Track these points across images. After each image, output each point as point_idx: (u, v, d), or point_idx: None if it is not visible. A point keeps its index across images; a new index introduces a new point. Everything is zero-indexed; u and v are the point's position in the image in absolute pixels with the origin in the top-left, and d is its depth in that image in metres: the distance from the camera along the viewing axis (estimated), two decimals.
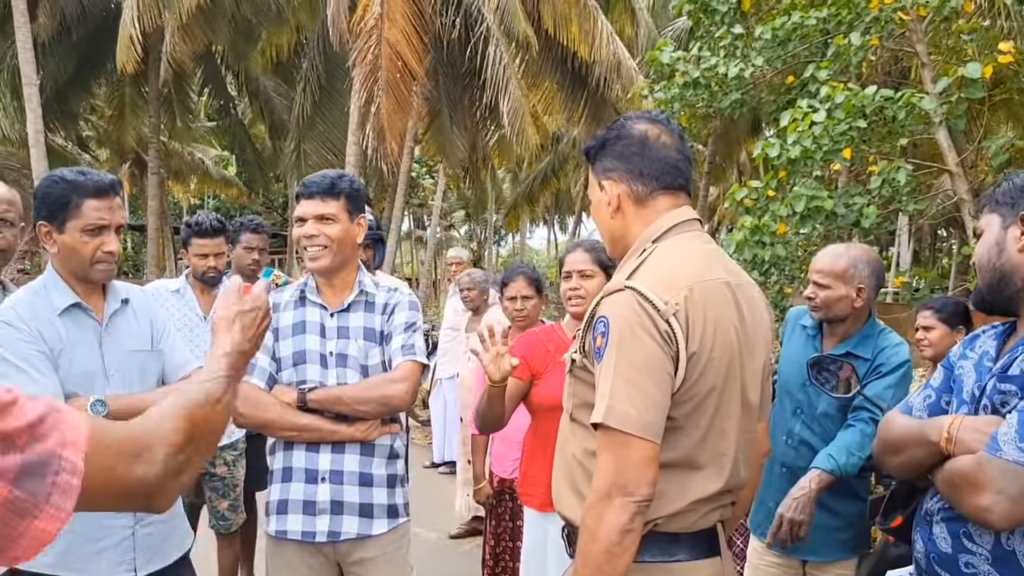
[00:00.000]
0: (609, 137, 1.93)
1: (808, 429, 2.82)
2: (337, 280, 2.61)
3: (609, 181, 1.90)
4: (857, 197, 6.15)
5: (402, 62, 12.32)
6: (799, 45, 7.06)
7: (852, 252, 2.82)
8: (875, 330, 2.83)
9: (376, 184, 21.73)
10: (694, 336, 1.68)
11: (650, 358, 1.64)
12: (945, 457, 1.75)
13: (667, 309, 1.65)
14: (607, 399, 1.63)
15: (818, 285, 2.80)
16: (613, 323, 1.68)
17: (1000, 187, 1.83)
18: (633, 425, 1.61)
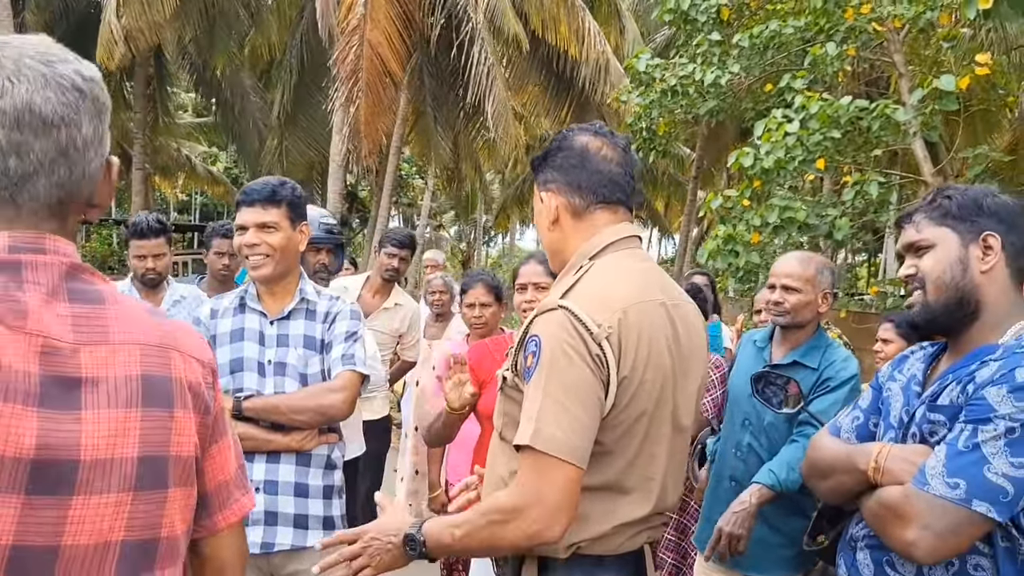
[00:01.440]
0: (552, 149, 1.90)
1: (756, 440, 2.81)
2: (278, 288, 2.58)
3: (548, 193, 1.87)
4: (830, 208, 6.16)
5: (383, 64, 12.29)
6: (777, 54, 7.07)
7: (817, 259, 2.84)
8: (823, 341, 2.82)
9: (367, 183, 21.70)
10: (626, 360, 1.65)
11: (580, 381, 1.61)
12: (872, 484, 1.73)
13: (599, 332, 1.62)
14: (534, 421, 1.59)
15: (788, 289, 2.77)
16: (545, 343, 1.64)
17: (949, 200, 1.77)
18: (559, 448, 1.57)
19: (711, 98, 7.19)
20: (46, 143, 1.01)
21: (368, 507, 4.67)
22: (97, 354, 1.03)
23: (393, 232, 4.88)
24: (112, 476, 1.01)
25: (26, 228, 1.03)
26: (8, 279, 0.99)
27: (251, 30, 17.37)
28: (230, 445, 1.22)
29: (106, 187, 1.12)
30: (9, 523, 0.93)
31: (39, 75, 1.01)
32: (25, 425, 0.94)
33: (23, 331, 0.97)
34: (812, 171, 6.12)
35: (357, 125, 12.52)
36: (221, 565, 1.22)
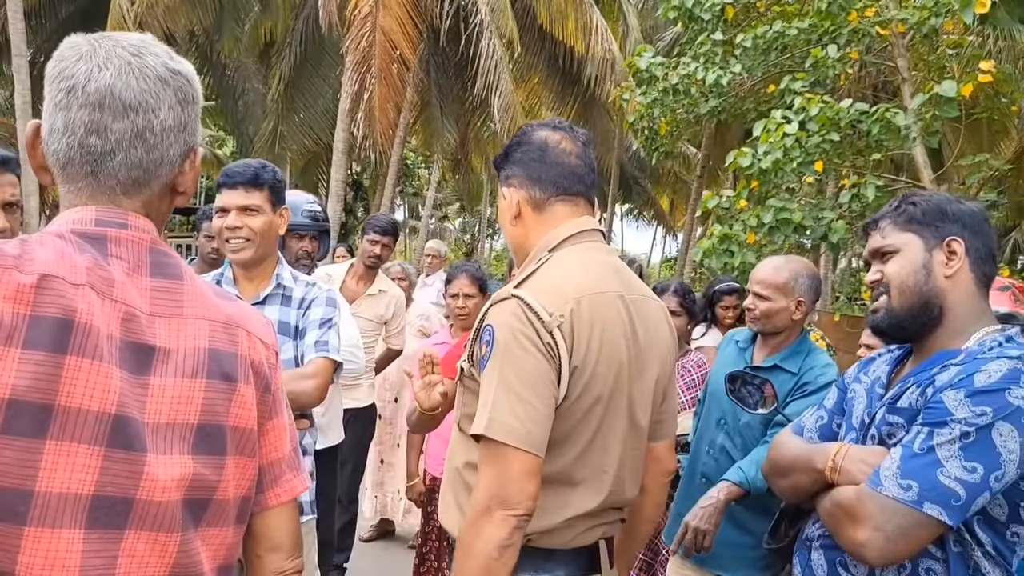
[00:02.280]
0: (512, 144, 1.91)
1: (730, 440, 2.80)
2: (256, 272, 2.58)
3: (509, 188, 1.88)
4: (827, 211, 6.13)
5: (396, 50, 12.28)
6: (781, 55, 7.04)
7: (793, 265, 2.81)
8: (805, 347, 2.81)
9: (370, 171, 21.69)
10: (578, 350, 1.65)
11: (534, 369, 1.61)
12: (830, 484, 1.73)
13: (551, 321, 1.62)
14: (489, 410, 1.60)
15: (758, 296, 2.77)
16: (498, 332, 1.65)
17: (914, 206, 1.78)
18: (515, 437, 1.57)
19: (713, 98, 7.16)
20: (124, 124, 1.10)
21: (350, 494, 4.69)
22: (171, 325, 1.12)
23: (375, 219, 4.89)
24: (174, 440, 1.09)
25: (106, 203, 1.12)
26: (97, 250, 1.08)
27: (258, 14, 17.34)
28: (285, 426, 1.28)
29: (190, 174, 1.20)
30: (92, 474, 1.01)
31: (125, 64, 1.10)
32: (110, 383, 1.02)
33: (110, 298, 1.06)
34: (810, 173, 6.09)
35: (371, 111, 12.51)
36: (276, 542, 1.26)
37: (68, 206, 1.13)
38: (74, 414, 0.99)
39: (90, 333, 1.02)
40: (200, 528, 1.12)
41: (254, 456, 1.20)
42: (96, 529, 1.01)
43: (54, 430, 0.98)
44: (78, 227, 1.10)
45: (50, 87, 1.12)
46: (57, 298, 1.00)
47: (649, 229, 44.54)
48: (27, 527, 0.97)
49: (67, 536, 0.99)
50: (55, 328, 0.99)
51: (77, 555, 1.00)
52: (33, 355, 0.97)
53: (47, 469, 0.98)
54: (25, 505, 0.97)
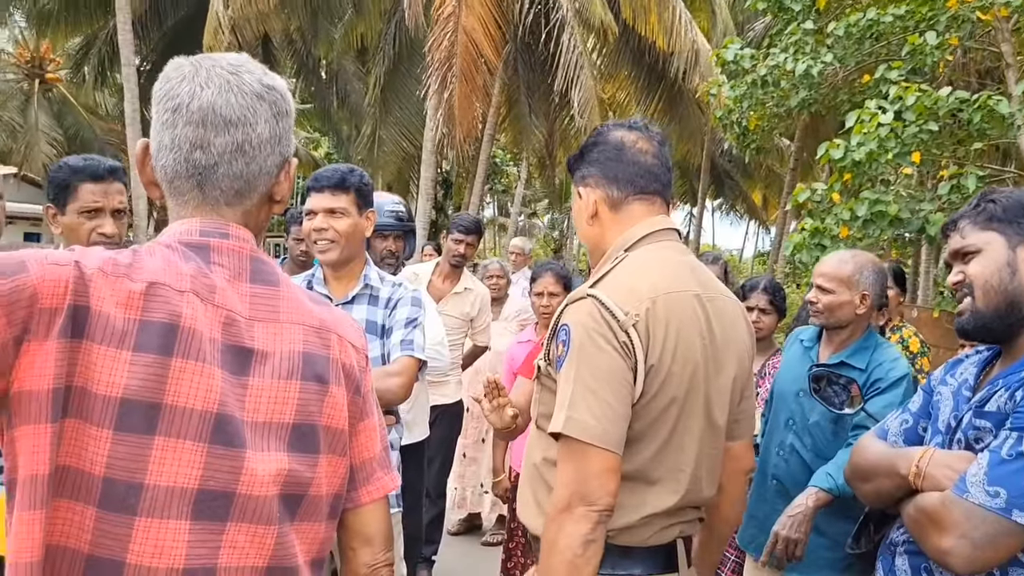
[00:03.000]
0: (588, 144, 1.93)
1: (799, 440, 2.76)
2: (344, 272, 2.67)
3: (586, 188, 1.89)
4: (924, 203, 5.91)
5: (477, 50, 12.41)
6: (875, 43, 6.82)
7: (858, 258, 2.75)
8: (872, 342, 2.74)
9: (461, 170, 21.92)
10: (654, 348, 1.66)
11: (610, 368, 1.63)
12: (914, 489, 1.70)
13: (626, 320, 1.64)
14: (566, 408, 1.62)
15: (821, 289, 2.72)
16: (574, 331, 1.67)
17: (994, 204, 1.74)
18: (592, 435, 1.60)
19: (803, 89, 6.98)
20: (225, 139, 1.17)
21: (438, 489, 4.79)
22: (268, 329, 1.18)
23: (459, 218, 4.97)
24: (271, 438, 1.15)
25: (210, 214, 1.20)
26: (200, 259, 1.16)
27: (352, 17, 17.73)
28: (376, 426, 1.33)
29: (285, 184, 1.27)
30: (197, 469, 1.08)
31: (224, 82, 1.18)
32: (212, 383, 1.10)
33: (212, 303, 1.13)
34: (907, 164, 5.88)
35: (451, 110, 12.70)
36: (368, 537, 1.31)
37: (176, 218, 1.21)
38: (180, 412, 1.07)
39: (194, 336, 1.09)
40: (295, 522, 1.18)
41: (345, 455, 1.26)
42: (201, 521, 1.08)
43: (162, 427, 1.06)
44: (184, 237, 1.17)
45: (157, 107, 1.19)
46: (164, 304, 1.08)
47: (741, 224, 43.61)
48: (137, 517, 1.04)
49: (174, 527, 1.06)
50: (162, 332, 1.07)
51: (183, 545, 1.06)
52: (143, 357, 1.05)
53: (155, 463, 1.05)
54: (136, 497, 1.04)
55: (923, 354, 3.91)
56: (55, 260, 1.05)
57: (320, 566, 1.24)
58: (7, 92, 22.40)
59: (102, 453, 1.03)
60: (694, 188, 26.19)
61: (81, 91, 21.56)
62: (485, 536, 5.41)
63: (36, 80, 22.99)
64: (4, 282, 1.00)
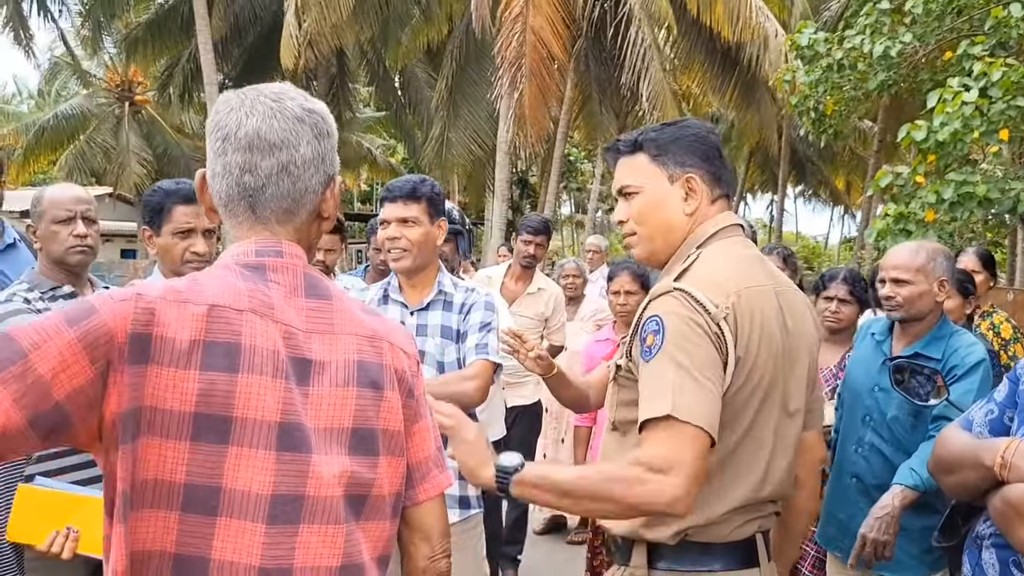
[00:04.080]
0: (685, 135, 1.89)
1: (878, 435, 2.69)
2: (418, 280, 2.73)
3: (690, 178, 1.85)
4: (1014, 181, 5.68)
5: (546, 49, 12.43)
6: (957, 19, 6.59)
7: (927, 246, 2.68)
8: (947, 330, 2.66)
9: (536, 169, 21.97)
10: (741, 341, 1.66)
11: (707, 355, 1.62)
12: (1000, 481, 1.66)
13: (717, 312, 1.64)
14: (671, 393, 1.58)
15: (897, 282, 2.64)
16: (668, 321, 1.65)
17: None
18: (699, 418, 1.57)
19: (881, 71, 6.78)
20: (271, 161, 1.25)
21: None
22: (324, 340, 1.25)
23: (528, 219, 5.00)
24: (332, 442, 1.22)
25: (264, 233, 1.28)
26: (257, 278, 1.23)
27: (420, 22, 17.97)
28: (429, 427, 1.39)
29: (331, 200, 1.33)
30: (269, 475, 1.16)
31: (268, 108, 1.25)
32: (276, 395, 1.17)
33: (272, 319, 1.20)
34: (994, 142, 5.66)
35: (521, 111, 12.75)
36: (427, 532, 1.38)
37: (233, 239, 1.30)
38: (250, 424, 1.15)
39: (255, 352, 1.17)
40: (360, 521, 1.25)
41: (403, 455, 1.32)
42: (276, 524, 1.16)
43: (234, 437, 1.14)
44: (241, 259, 1.25)
45: (210, 138, 1.27)
46: (225, 325, 1.16)
47: (825, 210, 42.53)
48: (219, 517, 1.13)
49: (251, 528, 1.14)
50: (227, 351, 1.15)
51: (259, 546, 1.14)
52: (211, 375, 1.13)
53: (231, 470, 1.14)
54: (216, 499, 1.13)
55: (1016, 340, 3.77)
56: (120, 297, 1.14)
57: (385, 563, 1.30)
58: (100, 116, 23.46)
59: (182, 462, 1.12)
60: (775, 176, 25.68)
61: (168, 111, 22.44)
62: (570, 535, 5.43)
63: (126, 103, 24.01)
64: (78, 328, 1.09)
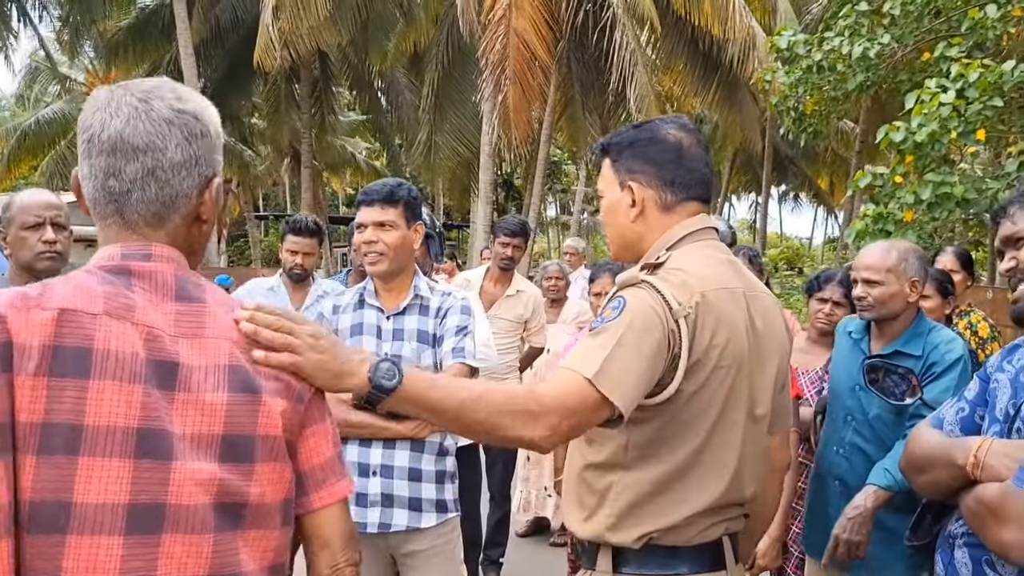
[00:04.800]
0: (640, 138, 1.87)
1: (860, 435, 2.69)
2: (394, 284, 2.72)
3: (637, 184, 1.85)
4: (991, 181, 5.72)
5: (530, 52, 12.45)
6: (934, 20, 6.64)
7: (900, 245, 2.68)
8: (924, 327, 2.67)
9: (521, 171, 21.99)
10: (700, 344, 1.65)
11: (654, 345, 1.61)
12: (972, 480, 1.66)
13: (679, 310, 1.63)
14: (603, 361, 1.56)
15: (868, 283, 2.65)
16: (630, 304, 1.64)
17: None
18: (620, 397, 1.56)
19: (860, 72, 6.83)
20: (135, 166, 1.21)
21: (502, 491, 4.83)
22: (193, 345, 1.21)
23: (505, 221, 5.00)
24: (200, 449, 1.18)
25: (133, 236, 1.24)
26: (120, 281, 1.19)
27: (403, 26, 17.96)
28: (327, 431, 1.34)
29: (209, 203, 1.29)
30: (125, 484, 1.11)
31: (133, 110, 1.21)
32: (132, 399, 1.13)
33: (131, 322, 1.16)
34: (972, 143, 5.70)
35: (506, 113, 12.78)
36: (326, 540, 1.33)
37: (103, 241, 1.25)
38: (103, 432, 1.11)
39: (109, 357, 1.13)
40: (241, 530, 1.20)
41: (287, 461, 1.27)
42: (134, 535, 1.11)
43: (86, 447, 1.10)
44: (105, 263, 1.22)
45: (79, 139, 1.24)
46: (76, 329, 1.12)
47: (808, 210, 42.73)
48: (68, 535, 1.08)
49: (106, 542, 1.09)
50: (77, 356, 1.11)
51: (117, 559, 1.10)
52: (59, 382, 1.10)
53: (82, 482, 1.09)
54: (65, 516, 1.08)
55: (994, 339, 3.79)
56: None
57: (279, 571, 1.27)
58: None
59: (28, 478, 1.08)
60: (758, 176, 25.79)
61: None
62: (553, 537, 5.43)
63: None
64: None
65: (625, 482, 1.74)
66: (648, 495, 1.72)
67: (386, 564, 2.68)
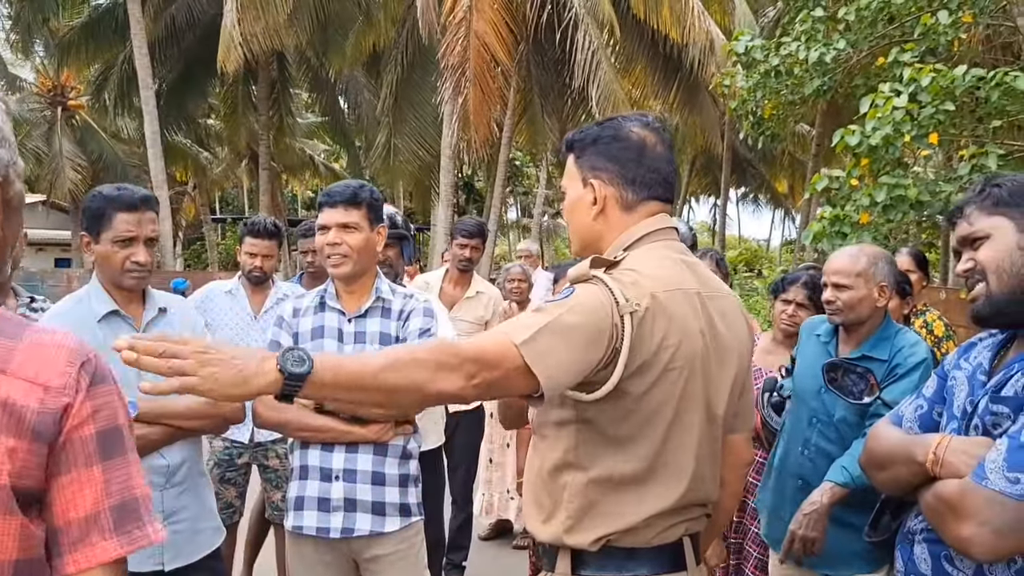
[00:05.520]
0: (603, 136, 1.86)
1: (824, 438, 2.71)
2: (356, 286, 2.69)
3: (598, 181, 1.83)
4: (945, 184, 5.83)
5: (490, 54, 12.45)
6: (888, 26, 6.75)
7: (869, 251, 2.72)
8: (891, 331, 2.70)
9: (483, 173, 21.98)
10: (649, 344, 1.64)
11: (592, 333, 1.59)
12: (931, 476, 1.68)
13: (625, 306, 1.61)
14: (535, 333, 1.55)
15: (838, 287, 2.67)
16: (577, 292, 1.65)
17: (999, 188, 1.72)
18: (542, 370, 1.54)
19: (817, 77, 6.93)
20: None
21: (464, 495, 4.81)
22: None
23: (462, 222, 5.01)
24: None
25: None
26: None
27: (362, 26, 17.84)
28: (95, 480, 1.11)
29: None
30: None
31: None
32: None
33: None
34: (925, 147, 5.81)
35: (466, 116, 12.77)
36: None
37: None
38: None
39: None
40: None
41: (17, 514, 1.05)
42: None
43: None
44: None
45: None
46: None
47: (767, 212, 43.33)
48: None
49: None
50: None
51: None
52: None
53: None
54: None
55: (949, 338, 3.86)
56: None
57: None
58: (31, 121, 22.83)
59: None
60: (717, 179, 26.05)
61: (103, 117, 21.95)
62: (516, 540, 5.42)
63: (59, 108, 23.40)
64: None
65: (578, 483, 1.73)
66: (602, 497, 1.72)
67: (349, 569, 2.65)
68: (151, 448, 2.37)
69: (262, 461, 4.05)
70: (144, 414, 2.32)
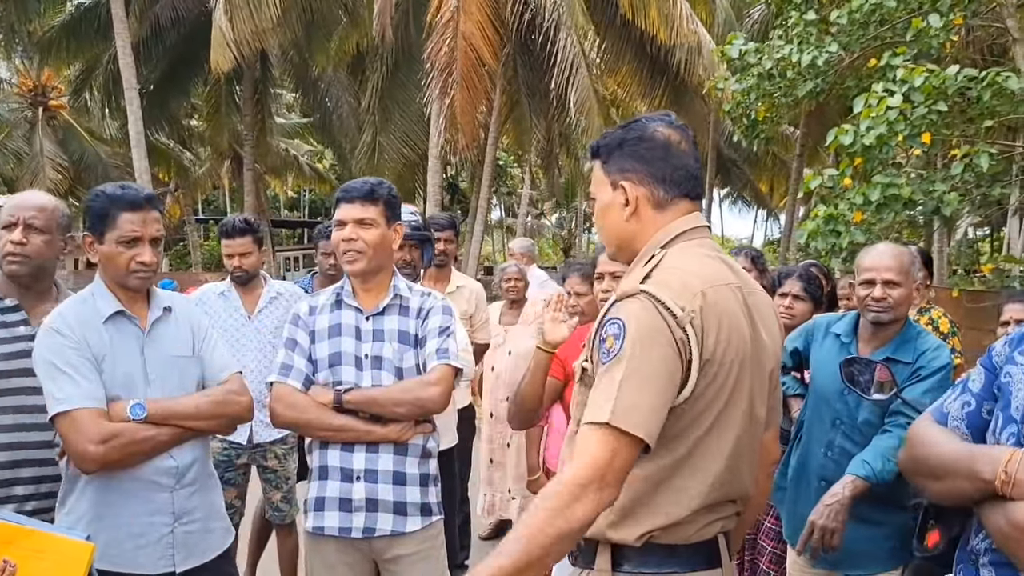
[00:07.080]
0: (629, 137, 1.87)
1: (849, 440, 2.71)
2: (373, 284, 2.67)
3: (628, 183, 1.84)
4: (937, 183, 5.89)
5: (477, 55, 12.44)
6: (880, 28, 6.81)
7: (904, 249, 2.76)
8: (913, 332, 2.72)
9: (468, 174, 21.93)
10: (708, 343, 1.65)
11: (663, 365, 1.60)
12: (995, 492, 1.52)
13: (684, 316, 1.61)
14: (614, 400, 1.57)
15: (890, 283, 2.65)
16: (629, 325, 1.62)
17: None
18: (639, 428, 1.56)
19: (810, 79, 6.98)
20: None
21: (461, 495, 4.80)
22: None
23: (434, 217, 4.97)
24: None
25: None
26: None
27: (346, 26, 17.77)
28: None
29: None
30: None
31: None
32: None
33: None
34: (917, 146, 5.86)
35: (453, 116, 12.74)
36: None
37: None
38: None
39: None
40: None
41: None
42: None
43: None
44: None
45: None
46: None
47: (749, 212, 43.55)
48: None
49: None
50: None
51: None
52: None
53: None
54: None
55: (953, 334, 3.91)
56: None
57: None
58: (12, 121, 22.60)
59: None
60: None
61: (85, 116, 21.73)
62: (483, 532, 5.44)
63: (40, 108, 23.16)
64: None
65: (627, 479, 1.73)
66: (650, 491, 1.72)
67: (370, 570, 2.64)
68: (160, 449, 2.36)
69: (261, 462, 4.04)
70: (152, 415, 2.32)
